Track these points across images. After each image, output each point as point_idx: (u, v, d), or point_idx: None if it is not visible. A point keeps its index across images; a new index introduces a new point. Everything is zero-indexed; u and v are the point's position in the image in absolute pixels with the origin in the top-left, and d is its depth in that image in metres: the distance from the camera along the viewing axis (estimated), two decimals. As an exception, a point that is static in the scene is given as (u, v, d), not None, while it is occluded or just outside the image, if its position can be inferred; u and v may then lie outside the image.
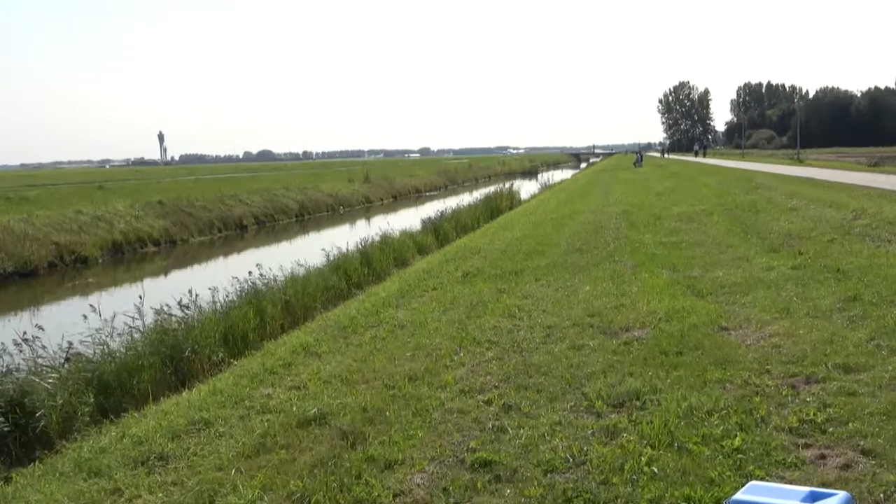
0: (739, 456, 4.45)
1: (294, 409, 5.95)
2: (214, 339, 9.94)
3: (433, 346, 7.49)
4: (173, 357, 9.28)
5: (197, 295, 11.11)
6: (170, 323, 10.01)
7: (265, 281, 12.81)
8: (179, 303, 10.71)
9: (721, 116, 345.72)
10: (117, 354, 8.92)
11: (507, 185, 37.47)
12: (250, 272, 12.80)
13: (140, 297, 10.57)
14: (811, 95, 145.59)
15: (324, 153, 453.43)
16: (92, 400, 7.77)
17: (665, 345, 6.77)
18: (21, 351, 8.78)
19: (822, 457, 4.42)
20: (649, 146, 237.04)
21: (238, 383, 7.01)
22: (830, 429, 4.79)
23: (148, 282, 21.26)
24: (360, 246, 17.53)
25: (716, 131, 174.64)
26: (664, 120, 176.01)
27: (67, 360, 8.63)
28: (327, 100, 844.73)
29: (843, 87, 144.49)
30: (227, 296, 11.94)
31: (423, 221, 23.75)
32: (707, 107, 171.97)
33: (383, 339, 8.06)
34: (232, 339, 10.35)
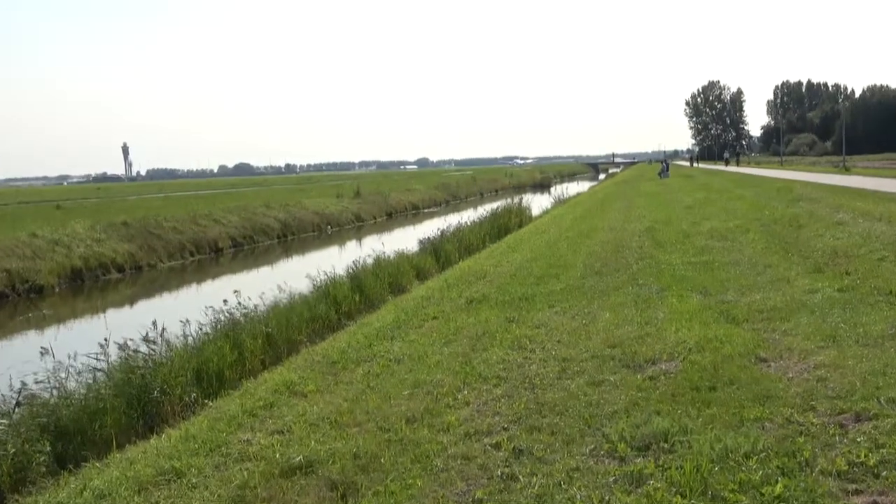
0: (782, 505, 4.45)
1: (277, 456, 5.94)
2: (186, 377, 9.94)
3: (434, 383, 7.49)
4: (140, 398, 9.28)
5: (164, 329, 11.12)
6: (136, 360, 10.01)
7: (244, 311, 12.83)
8: (145, 337, 10.72)
9: (756, 120, 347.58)
10: (77, 396, 8.93)
11: (516, 199, 37.60)
12: (226, 301, 12.82)
13: (105, 334, 10.59)
14: (857, 95, 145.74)
15: (309, 166, 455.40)
16: (48, 448, 7.77)
17: (696, 379, 6.76)
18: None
19: (876, 505, 4.40)
20: (676, 154, 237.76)
21: (213, 427, 7.00)
22: (884, 472, 4.78)
23: (111, 313, 21.27)
24: (350, 270, 17.56)
25: (750, 137, 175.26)
26: (692, 124, 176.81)
27: (19, 403, 8.62)
28: (312, 107, 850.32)
29: (893, 86, 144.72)
30: (200, 328, 11.95)
31: (422, 242, 23.80)
32: (740, 109, 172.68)
33: (377, 376, 8.06)
34: (206, 378, 10.35)
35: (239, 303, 12.96)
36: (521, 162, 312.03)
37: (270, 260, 34.27)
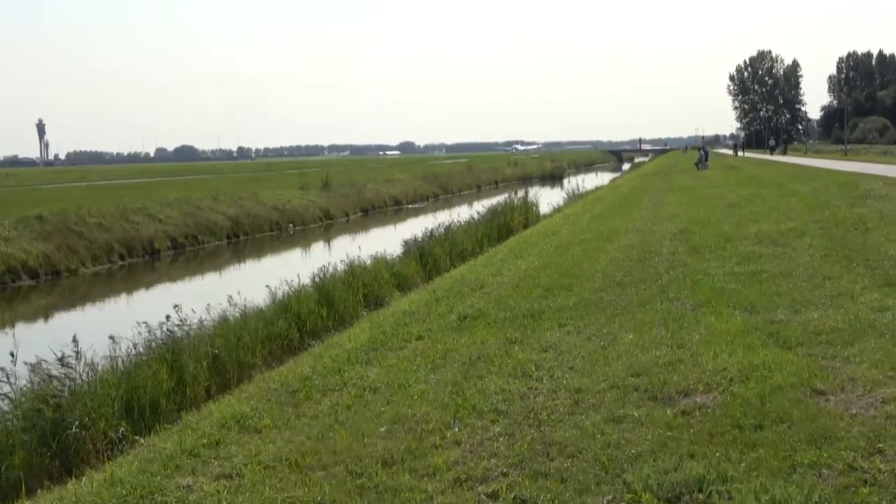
0: (841, 570, 4.46)
1: (223, 506, 5.92)
2: (113, 408, 9.92)
3: (417, 418, 7.48)
4: (55, 434, 9.26)
5: (87, 349, 11.09)
6: (50, 386, 9.98)
7: (185, 328, 12.81)
8: (62, 358, 10.67)
9: (815, 99, 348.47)
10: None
11: (521, 193, 37.64)
12: (168, 317, 12.80)
13: (11, 354, 10.54)
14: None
15: (267, 150, 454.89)
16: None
17: (738, 415, 6.77)
18: None
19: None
20: (717, 140, 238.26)
21: (145, 470, 6.97)
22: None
23: (21, 328, 21.20)
24: (317, 279, 17.54)
25: (808, 120, 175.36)
26: (737, 104, 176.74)
27: None
28: (272, 78, 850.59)
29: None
30: (131, 349, 11.92)
31: (405, 244, 23.79)
32: (796, 86, 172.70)
33: (348, 409, 8.04)
34: (137, 409, 10.33)
35: (180, 318, 12.93)
36: (523, 148, 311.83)
37: (219, 265, 34.24)
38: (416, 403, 7.93)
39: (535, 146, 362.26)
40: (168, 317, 12.81)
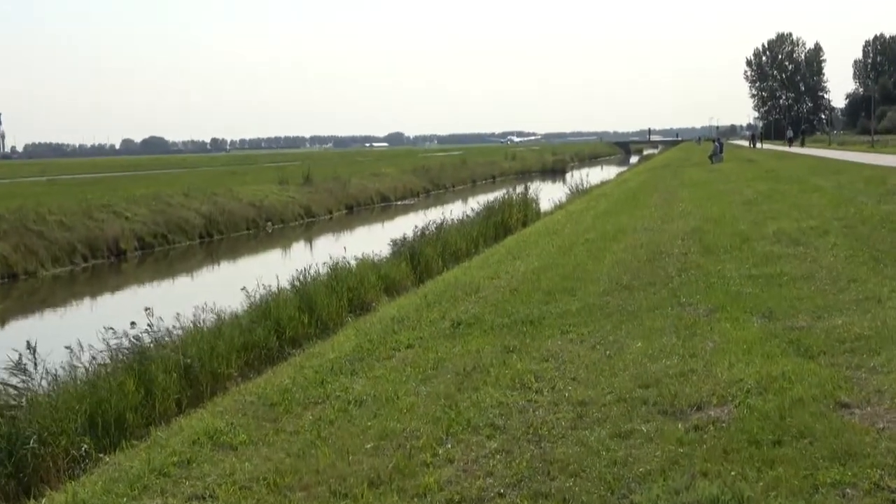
0: None
1: (195, 529, 5.92)
2: (75, 422, 9.88)
3: (407, 434, 7.48)
4: (11, 450, 9.22)
5: (46, 357, 11.06)
6: (5, 398, 9.95)
7: (155, 336, 12.78)
8: (18, 364, 10.63)
9: (840, 86, 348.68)
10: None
11: (520, 189, 37.66)
12: (134, 323, 12.76)
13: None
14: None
15: (243, 142, 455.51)
16: None
17: (756, 430, 6.78)
18: None
19: None
20: (733, 131, 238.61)
21: (110, 491, 6.96)
22: None
23: (-26, 336, 21.13)
24: (297, 282, 17.51)
25: (832, 109, 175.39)
26: (755, 91, 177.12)
27: None
28: (245, 65, 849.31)
29: None
30: (95, 358, 11.89)
31: (394, 244, 23.77)
32: (819, 71, 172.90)
33: (331, 424, 8.04)
34: (102, 423, 10.29)
35: (149, 325, 12.91)
36: (518, 140, 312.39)
37: (191, 267, 34.20)
38: (405, 417, 7.93)
39: (533, 137, 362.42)
40: (133, 323, 12.78)
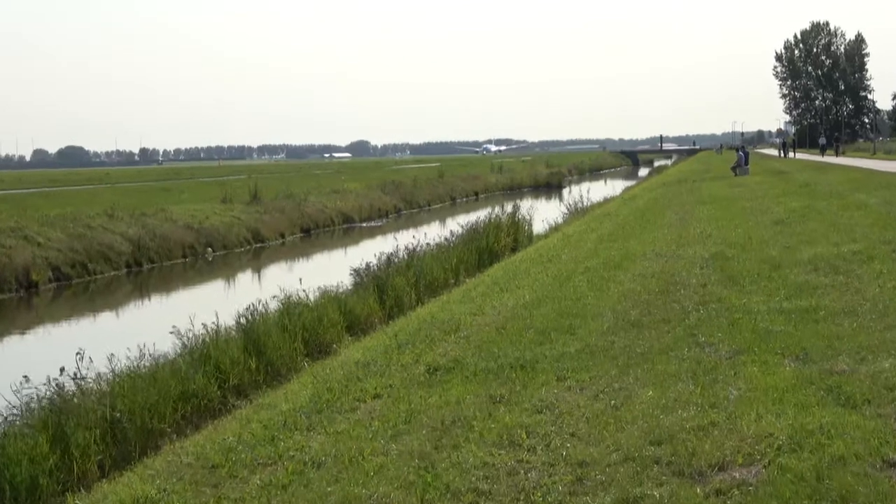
0: None
1: None
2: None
3: (374, 502, 7.46)
4: None
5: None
6: None
7: (75, 385, 12.72)
8: None
9: (886, 85, 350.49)
10: None
11: (509, 208, 37.71)
12: (52, 376, 12.71)
13: None
14: None
15: (178, 153, 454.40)
16: None
17: (788, 495, 6.80)
18: None
19: None
20: (760, 137, 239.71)
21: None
22: None
23: None
24: (243, 320, 17.48)
25: (877, 111, 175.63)
26: (786, 91, 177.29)
27: None
28: (180, 61, 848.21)
29: None
30: (2, 414, 11.83)
31: (357, 274, 23.77)
32: (861, 68, 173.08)
33: (284, 489, 8.02)
34: (10, 490, 10.24)
35: (68, 372, 12.87)
36: (503, 149, 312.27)
37: (117, 302, 34.04)
38: (371, 482, 7.91)
39: (520, 146, 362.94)
40: (63, 370, 12.74)
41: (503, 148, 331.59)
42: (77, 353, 13.16)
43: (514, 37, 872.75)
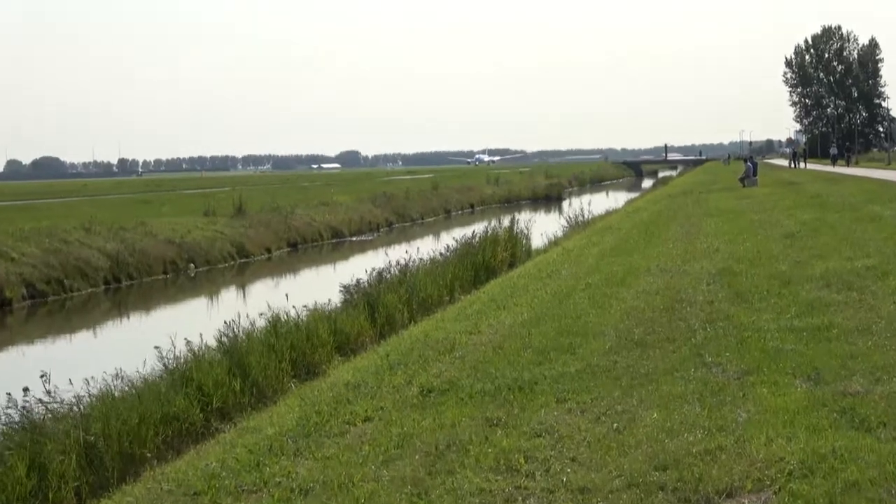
0: None
1: None
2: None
3: (365, 530, 7.46)
4: None
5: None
6: None
7: (48, 406, 12.70)
8: None
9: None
10: None
11: (506, 220, 37.71)
12: (27, 389, 12.69)
13: None
14: None
15: (158, 163, 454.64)
16: None
17: (800, 522, 6.79)
18: None
19: None
20: (770, 146, 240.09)
21: None
22: None
23: None
24: (226, 339, 17.46)
25: (892, 119, 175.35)
26: (796, 98, 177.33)
27: None
28: (159, 67, 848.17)
29: None
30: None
31: (347, 291, 23.75)
32: (875, 74, 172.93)
33: (270, 518, 8.01)
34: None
35: (45, 391, 12.87)
36: (496, 159, 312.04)
37: (94, 320, 33.96)
38: (362, 510, 7.91)
39: (513, 156, 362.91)
40: (27, 389, 12.74)
41: (496, 158, 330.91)
42: (41, 375, 13.12)
43: (513, 43, 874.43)
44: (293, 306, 20.15)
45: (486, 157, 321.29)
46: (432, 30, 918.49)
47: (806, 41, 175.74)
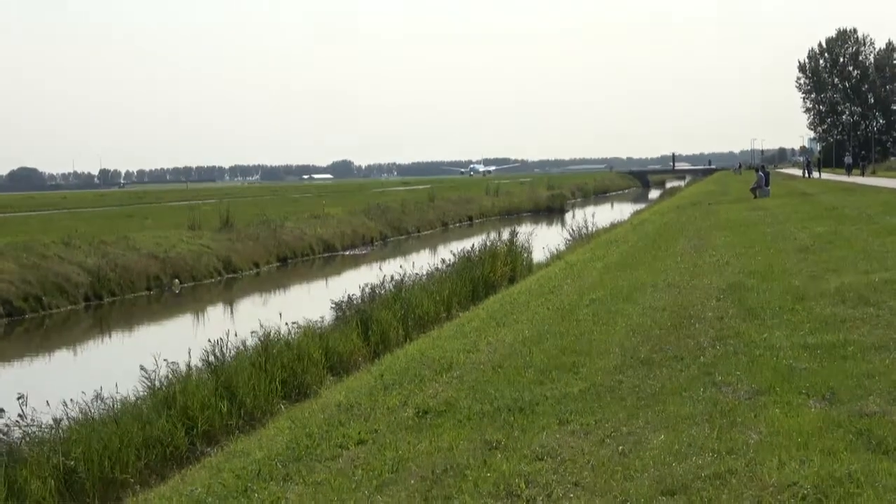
0: None
1: None
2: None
3: (358, 559, 7.45)
4: None
5: None
6: None
7: (22, 430, 12.69)
8: None
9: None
10: None
11: (506, 233, 37.74)
12: (2, 411, 12.67)
13: None
14: None
15: (141, 174, 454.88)
16: None
17: (814, 549, 6.79)
18: None
19: None
20: (782, 155, 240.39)
21: None
22: None
23: None
24: (213, 359, 17.45)
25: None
26: (810, 105, 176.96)
27: None
28: (143, 75, 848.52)
29: None
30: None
31: (339, 308, 23.75)
32: (893, 79, 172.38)
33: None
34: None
35: (20, 416, 12.85)
36: (484, 169, 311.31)
37: (74, 339, 33.90)
38: (355, 537, 7.91)
39: (511, 165, 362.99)
40: (1, 411, 12.73)
41: (492, 168, 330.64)
42: (19, 397, 13.13)
43: (512, 48, 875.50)
44: (286, 323, 20.17)
45: (481, 167, 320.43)
46: (431, 40, 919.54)
47: (820, 45, 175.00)
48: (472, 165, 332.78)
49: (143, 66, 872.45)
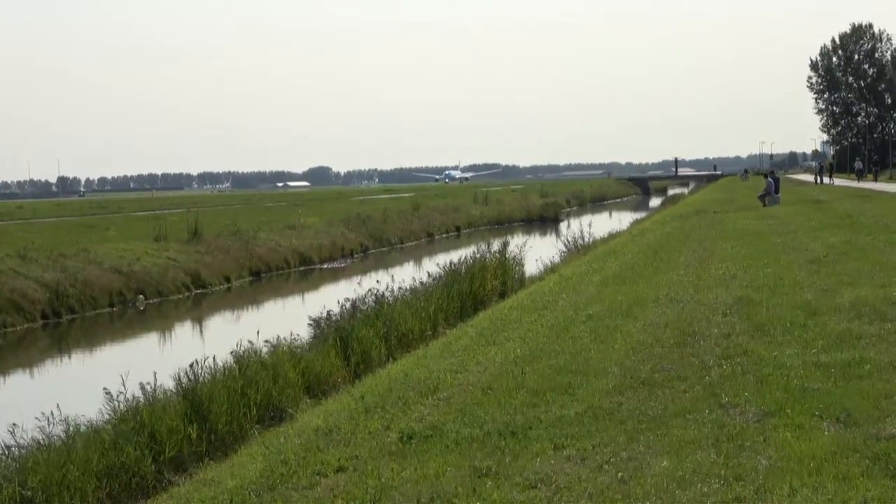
0: None
1: None
2: None
3: None
4: None
5: None
6: None
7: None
8: None
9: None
10: None
11: (496, 244, 37.75)
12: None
13: None
14: None
15: (103, 182, 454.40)
16: None
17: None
18: None
19: None
20: (793, 160, 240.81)
21: None
22: None
23: None
24: (183, 380, 17.43)
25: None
26: (822, 105, 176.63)
27: None
28: (101, 74, 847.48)
29: None
30: None
31: (317, 325, 23.73)
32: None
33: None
34: None
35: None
36: (460, 176, 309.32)
37: (31, 360, 33.85)
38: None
39: (492, 171, 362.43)
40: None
41: (469, 175, 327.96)
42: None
43: (504, 46, 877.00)
44: (262, 341, 20.16)
45: (457, 174, 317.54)
46: (414, 37, 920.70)
47: (833, 41, 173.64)
48: (446, 172, 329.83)
49: (103, 70, 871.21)
